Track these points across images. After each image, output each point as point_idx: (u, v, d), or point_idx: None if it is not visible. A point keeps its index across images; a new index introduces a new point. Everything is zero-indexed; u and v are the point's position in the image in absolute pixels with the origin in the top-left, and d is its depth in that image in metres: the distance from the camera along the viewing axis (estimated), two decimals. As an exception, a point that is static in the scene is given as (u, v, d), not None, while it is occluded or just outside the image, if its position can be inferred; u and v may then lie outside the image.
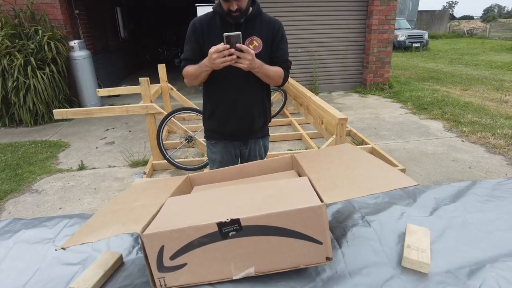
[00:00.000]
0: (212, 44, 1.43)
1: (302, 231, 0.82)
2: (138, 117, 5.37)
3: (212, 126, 1.78)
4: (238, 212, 0.83)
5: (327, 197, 0.83)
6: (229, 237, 0.81)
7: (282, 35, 1.67)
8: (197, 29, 1.61)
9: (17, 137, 4.76)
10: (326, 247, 0.83)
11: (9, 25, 5.05)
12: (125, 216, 0.93)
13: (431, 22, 23.22)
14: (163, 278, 0.83)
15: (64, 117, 3.14)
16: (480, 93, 6.65)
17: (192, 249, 0.82)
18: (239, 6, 1.50)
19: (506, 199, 1.21)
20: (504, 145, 3.92)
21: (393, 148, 3.99)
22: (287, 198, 0.89)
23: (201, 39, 1.61)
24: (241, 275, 0.84)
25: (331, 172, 1.02)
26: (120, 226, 0.86)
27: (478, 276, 0.85)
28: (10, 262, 1.01)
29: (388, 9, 6.52)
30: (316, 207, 0.80)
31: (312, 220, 0.81)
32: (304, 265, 0.84)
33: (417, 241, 0.95)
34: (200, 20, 1.63)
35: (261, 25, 1.62)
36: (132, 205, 1.01)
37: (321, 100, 3.18)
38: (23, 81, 4.94)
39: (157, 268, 0.82)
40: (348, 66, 7.11)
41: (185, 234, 0.81)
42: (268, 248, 0.83)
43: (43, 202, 2.99)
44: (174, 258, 0.82)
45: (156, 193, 1.11)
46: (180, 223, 0.83)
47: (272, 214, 0.80)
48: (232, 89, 1.66)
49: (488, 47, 14.88)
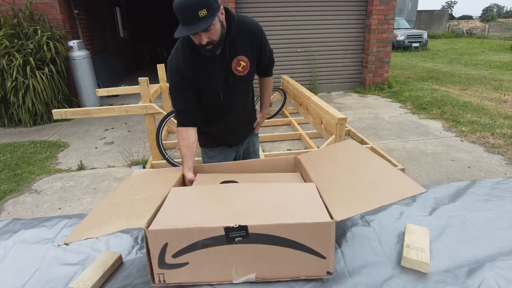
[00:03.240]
0: (202, 75, 1.39)
1: (308, 245, 0.82)
2: (138, 117, 5.37)
3: (207, 138, 1.71)
4: (245, 217, 0.83)
5: (336, 213, 0.82)
6: (235, 242, 0.81)
7: (265, 39, 1.54)
8: (184, 73, 1.39)
9: (16, 137, 4.75)
10: (329, 261, 0.83)
11: (8, 25, 5.04)
12: (127, 210, 0.93)
13: (430, 22, 23.24)
14: (163, 275, 0.83)
15: (63, 117, 3.14)
16: (479, 92, 6.65)
17: (195, 250, 0.82)
18: (210, 38, 1.25)
19: (505, 198, 1.21)
20: (503, 145, 3.93)
21: (392, 148, 3.99)
22: (296, 207, 0.89)
23: (192, 82, 1.42)
24: (242, 280, 0.84)
25: (338, 180, 1.01)
26: (123, 221, 0.86)
27: (478, 275, 0.85)
28: (10, 262, 1.00)
29: (387, 9, 6.53)
30: (326, 223, 0.80)
31: (319, 235, 0.81)
32: (304, 276, 0.85)
33: (417, 241, 0.95)
34: (180, 60, 1.39)
35: (241, 39, 1.43)
36: (133, 199, 1.00)
37: (321, 100, 3.19)
38: (22, 81, 4.94)
39: (158, 264, 0.82)
40: (348, 66, 7.11)
41: (190, 234, 0.81)
42: (272, 257, 0.83)
43: (43, 202, 2.99)
44: (177, 256, 0.82)
45: (157, 185, 1.10)
46: (186, 221, 0.83)
47: (281, 225, 0.80)
48: (230, 116, 1.60)
49: (487, 47, 14.89)
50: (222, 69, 1.44)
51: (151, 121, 3.41)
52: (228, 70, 1.45)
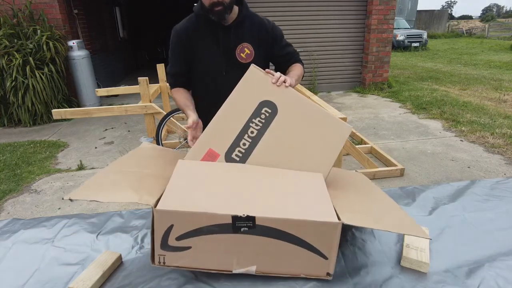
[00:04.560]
0: (202, 52, 1.37)
1: (312, 243, 0.82)
2: (137, 117, 5.36)
3: None
4: (253, 207, 0.82)
5: (345, 217, 0.82)
6: (240, 232, 0.81)
7: (280, 34, 1.55)
8: (182, 39, 1.45)
9: (16, 137, 4.75)
10: (330, 263, 0.84)
11: (7, 24, 5.03)
12: (137, 183, 0.91)
13: (430, 22, 23.24)
14: (164, 256, 0.83)
15: (63, 117, 3.13)
16: (479, 92, 6.65)
17: (200, 235, 0.81)
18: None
19: (505, 198, 1.21)
20: (503, 145, 3.93)
21: (392, 148, 3.99)
22: (305, 203, 0.88)
23: (189, 50, 1.46)
24: (242, 271, 0.84)
25: (347, 195, 1.01)
26: (133, 192, 0.84)
27: (477, 275, 0.85)
28: (9, 262, 1.00)
29: (387, 8, 6.53)
30: (332, 224, 0.80)
31: (324, 234, 0.81)
32: (304, 275, 0.85)
33: (416, 241, 0.95)
34: (183, 27, 1.46)
35: (251, 29, 1.47)
36: (143, 172, 0.99)
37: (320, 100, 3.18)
38: (22, 81, 4.93)
39: (160, 245, 0.82)
40: (347, 66, 7.11)
41: (197, 218, 0.80)
42: (274, 251, 0.83)
43: (42, 202, 2.98)
44: (180, 239, 0.82)
45: (166, 164, 1.08)
46: (194, 204, 0.82)
47: (288, 220, 0.80)
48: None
49: (486, 47, 14.90)
50: (225, 54, 1.44)
51: (151, 121, 3.41)
52: (231, 55, 1.44)
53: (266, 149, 1.06)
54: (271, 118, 1.09)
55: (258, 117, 1.09)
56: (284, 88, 1.13)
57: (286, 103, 1.11)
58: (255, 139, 1.07)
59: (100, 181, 0.89)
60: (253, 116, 1.09)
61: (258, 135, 1.08)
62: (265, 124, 1.08)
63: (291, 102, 1.11)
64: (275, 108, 1.10)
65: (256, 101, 1.11)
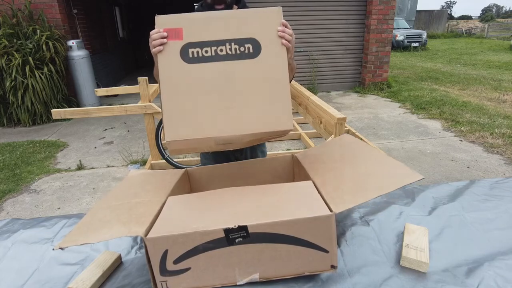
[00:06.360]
0: None
1: (309, 240, 0.82)
2: (137, 117, 5.36)
3: None
4: (244, 218, 0.82)
5: (335, 206, 0.82)
6: (236, 243, 0.80)
7: None
8: None
9: (15, 137, 4.75)
10: (332, 255, 0.83)
11: (7, 24, 5.03)
12: (125, 215, 0.91)
13: (430, 22, 23.26)
14: (165, 282, 0.82)
15: (63, 117, 3.13)
16: (479, 92, 6.66)
17: (196, 254, 0.81)
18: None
19: (504, 198, 1.21)
20: (502, 145, 3.93)
21: (391, 148, 4.00)
22: (294, 204, 0.88)
23: None
24: (245, 280, 0.84)
25: (335, 174, 1.01)
26: (121, 227, 0.85)
27: (477, 275, 0.86)
28: (8, 262, 1.00)
29: (386, 8, 6.53)
30: (325, 216, 0.80)
31: (320, 229, 0.81)
32: (308, 272, 0.85)
33: (416, 240, 0.95)
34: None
35: None
36: (131, 202, 0.99)
37: (320, 100, 3.18)
38: (21, 81, 4.93)
39: (159, 272, 0.81)
40: (347, 66, 7.11)
41: (190, 238, 0.80)
42: (274, 255, 0.82)
43: (42, 202, 2.98)
44: (178, 262, 0.81)
45: (156, 189, 1.09)
46: (185, 227, 0.82)
47: (280, 222, 0.80)
48: None
49: (486, 47, 14.91)
50: None
51: (150, 121, 3.41)
52: None
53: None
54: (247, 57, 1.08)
55: (236, 45, 1.08)
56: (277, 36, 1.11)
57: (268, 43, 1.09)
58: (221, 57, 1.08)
59: (89, 221, 0.89)
60: (232, 41, 1.09)
61: (226, 58, 1.08)
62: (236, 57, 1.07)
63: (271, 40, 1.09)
64: (258, 45, 1.08)
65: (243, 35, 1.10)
